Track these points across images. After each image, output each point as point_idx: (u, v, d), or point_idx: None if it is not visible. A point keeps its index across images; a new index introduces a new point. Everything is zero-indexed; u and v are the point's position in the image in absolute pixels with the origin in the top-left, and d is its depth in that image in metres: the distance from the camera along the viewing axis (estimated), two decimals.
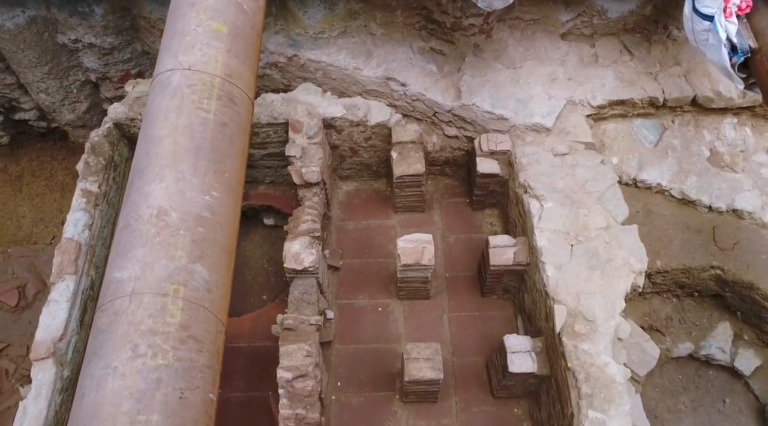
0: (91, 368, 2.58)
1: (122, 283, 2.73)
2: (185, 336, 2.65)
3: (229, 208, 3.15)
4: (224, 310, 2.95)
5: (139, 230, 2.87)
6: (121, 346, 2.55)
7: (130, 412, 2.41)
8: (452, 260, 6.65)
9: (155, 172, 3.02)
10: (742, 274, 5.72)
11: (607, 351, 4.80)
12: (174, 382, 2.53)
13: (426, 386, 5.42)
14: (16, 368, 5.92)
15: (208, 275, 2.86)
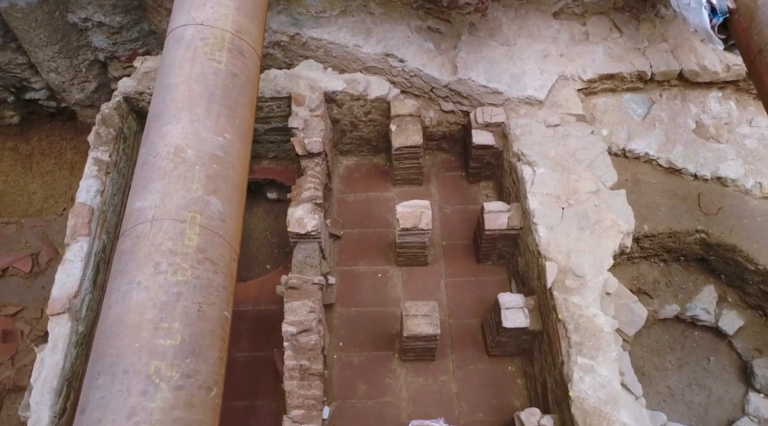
0: (117, 284, 2.78)
1: (143, 211, 2.94)
2: (202, 258, 2.86)
3: (240, 150, 3.36)
4: (237, 240, 3.16)
5: (157, 165, 3.08)
6: (144, 264, 2.76)
7: (153, 319, 2.62)
8: (449, 230, 6.86)
9: (172, 114, 3.23)
10: (725, 237, 5.94)
11: (596, 304, 5.02)
12: (192, 296, 2.74)
13: (424, 342, 5.63)
14: (31, 330, 6.11)
15: (222, 207, 3.07)
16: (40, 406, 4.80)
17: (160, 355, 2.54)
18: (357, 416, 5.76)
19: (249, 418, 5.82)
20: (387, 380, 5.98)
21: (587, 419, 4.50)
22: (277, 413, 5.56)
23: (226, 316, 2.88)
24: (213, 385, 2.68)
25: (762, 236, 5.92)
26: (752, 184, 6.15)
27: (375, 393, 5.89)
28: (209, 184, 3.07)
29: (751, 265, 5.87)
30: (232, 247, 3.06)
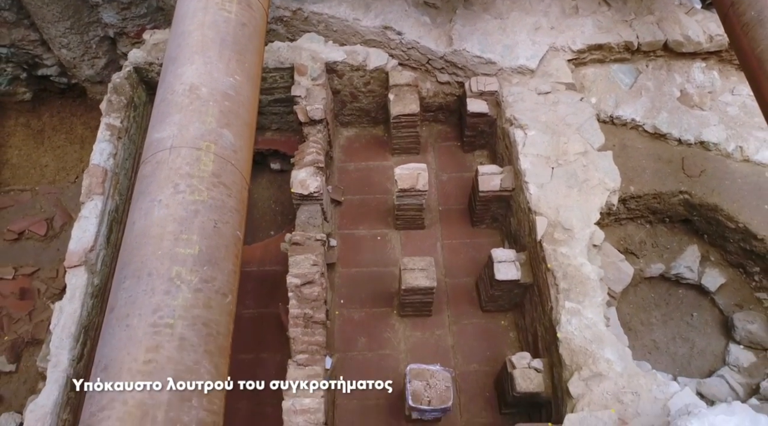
0: (139, 203, 3.02)
1: (162, 141, 3.17)
2: (216, 181, 3.09)
3: (249, 92, 3.59)
4: (247, 171, 3.39)
5: (174, 101, 3.31)
6: (164, 185, 2.99)
7: (174, 231, 2.85)
8: (445, 196, 7.10)
9: (186, 57, 3.46)
10: (707, 197, 6.18)
11: (583, 254, 5.26)
12: (209, 214, 2.97)
13: (421, 296, 5.87)
14: (47, 288, 6.35)
15: (233, 139, 3.30)
16: (60, 350, 5.03)
17: (181, 262, 2.77)
18: (358, 367, 6.00)
19: (255, 369, 6.06)
20: (386, 334, 6.21)
21: (574, 358, 4.74)
22: (282, 364, 5.75)
23: (238, 235, 3.11)
24: (228, 293, 2.91)
25: (742, 196, 6.16)
26: (733, 147, 6.38)
27: (375, 346, 6.13)
28: (222, 119, 3.30)
29: (732, 223, 6.11)
30: (243, 177, 3.29)
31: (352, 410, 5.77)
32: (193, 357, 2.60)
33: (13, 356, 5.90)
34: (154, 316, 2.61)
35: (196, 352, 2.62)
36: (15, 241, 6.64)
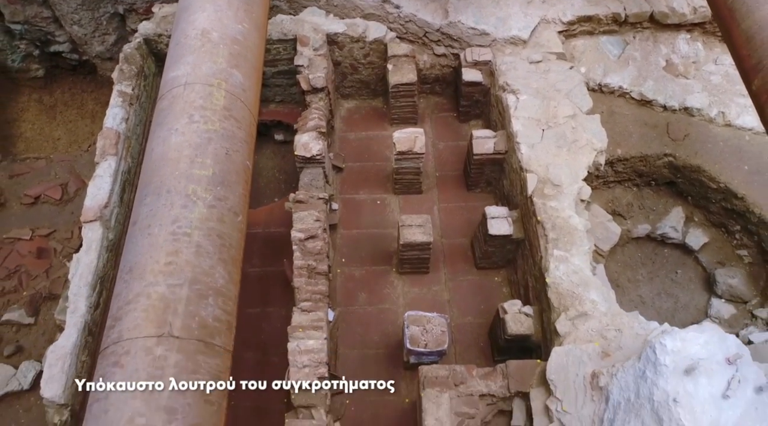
0: (157, 132, 3.25)
1: (177, 78, 3.39)
2: (227, 115, 3.32)
3: (256, 39, 3.81)
4: (255, 110, 3.61)
5: (187, 44, 3.53)
6: (180, 116, 3.22)
7: (190, 155, 3.08)
8: (441, 163, 7.33)
9: (198, 5, 3.68)
10: (690, 159, 6.41)
11: (571, 207, 5.49)
12: (221, 142, 3.20)
13: (418, 252, 6.10)
14: (62, 248, 6.58)
15: (242, 80, 3.52)
16: (78, 297, 5.27)
17: (196, 181, 3.00)
18: (358, 320, 6.24)
19: (261, 322, 6.30)
20: (385, 290, 6.45)
21: (561, 300, 4.97)
22: (287, 318, 5.97)
23: (247, 165, 3.34)
24: (239, 213, 3.14)
25: (723, 158, 6.38)
26: (716, 113, 6.60)
27: (375, 301, 6.37)
28: (231, 60, 3.52)
29: (714, 183, 6.34)
30: (252, 114, 3.52)
31: (353, 359, 6.01)
32: (208, 262, 2.83)
33: (32, 310, 6.14)
34: (173, 226, 2.84)
35: (212, 259, 2.85)
36: (32, 205, 6.87)
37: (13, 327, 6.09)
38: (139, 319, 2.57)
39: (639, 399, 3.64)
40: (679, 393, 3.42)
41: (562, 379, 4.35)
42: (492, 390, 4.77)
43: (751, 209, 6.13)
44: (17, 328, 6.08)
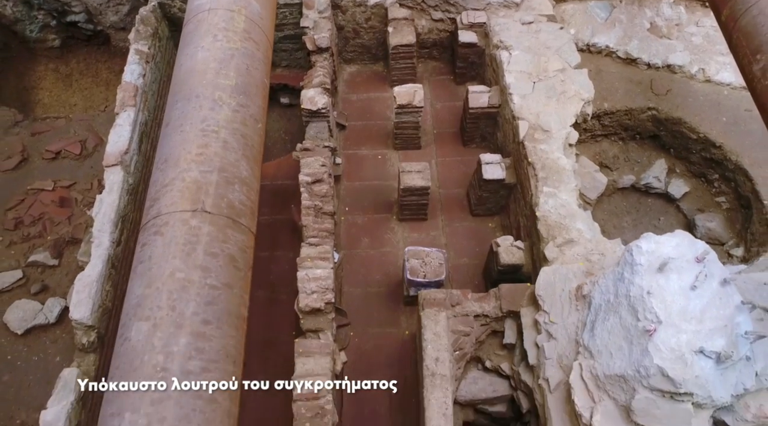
0: (185, 51, 3.57)
1: (201, 5, 3.71)
2: (247, 36, 3.65)
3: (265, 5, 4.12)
4: (271, 37, 3.94)
5: None
6: (205, 36, 3.55)
7: (215, 68, 3.41)
8: (439, 121, 7.66)
9: None
10: (672, 112, 6.75)
11: (560, 150, 5.82)
12: (242, 59, 3.53)
13: (417, 197, 6.43)
14: (83, 198, 6.89)
15: (260, 9, 3.85)
16: (101, 233, 5.59)
17: (222, 89, 3.33)
18: (361, 262, 6.58)
19: (270, 265, 6.64)
20: (387, 235, 6.79)
21: (550, 231, 5.31)
22: (294, 260, 6.33)
23: (265, 82, 3.67)
24: (259, 120, 3.47)
25: (703, 111, 6.72)
26: (696, 70, 6.94)
27: (377, 245, 6.71)
28: None
29: (694, 134, 6.68)
30: (268, 40, 3.84)
31: (356, 296, 6.35)
32: (234, 156, 3.16)
33: (56, 252, 6.47)
34: (202, 124, 3.17)
35: (236, 154, 3.18)
36: (53, 160, 7.18)
37: (39, 268, 6.41)
38: (175, 198, 2.90)
39: (617, 298, 3.98)
40: (653, 287, 3.76)
41: (549, 295, 4.69)
42: (486, 310, 5.11)
43: (728, 157, 6.47)
44: (42, 269, 6.41)
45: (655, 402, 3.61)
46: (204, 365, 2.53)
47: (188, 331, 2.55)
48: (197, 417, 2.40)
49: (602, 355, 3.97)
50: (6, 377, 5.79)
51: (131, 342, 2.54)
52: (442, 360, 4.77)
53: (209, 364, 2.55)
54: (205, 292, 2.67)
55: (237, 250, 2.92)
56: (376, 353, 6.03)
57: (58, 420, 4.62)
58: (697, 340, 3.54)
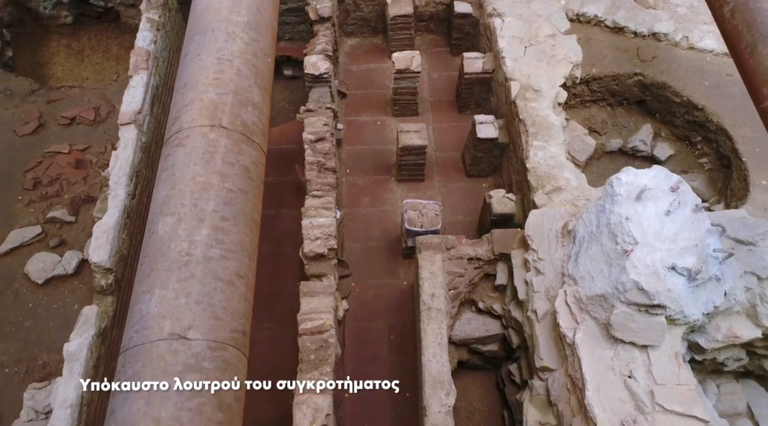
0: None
1: None
2: None
3: None
4: None
5: None
6: None
7: (228, 6, 3.68)
8: (435, 89, 7.93)
9: None
10: (657, 77, 7.01)
11: (549, 108, 6.10)
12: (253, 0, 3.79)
13: (415, 157, 6.71)
14: (97, 160, 7.17)
15: None
16: (117, 186, 5.86)
17: (235, 24, 3.59)
18: (362, 219, 6.86)
19: (275, 222, 6.91)
20: (386, 195, 7.07)
21: (539, 181, 5.59)
22: (298, 217, 6.61)
23: (274, 24, 3.94)
24: (269, 55, 3.74)
25: (686, 76, 6.99)
26: (680, 38, 7.20)
27: (376, 204, 6.99)
28: None
29: (678, 98, 6.95)
30: None
31: (357, 250, 6.63)
32: (247, 83, 3.44)
33: (73, 210, 6.74)
34: (218, 54, 3.44)
35: (249, 81, 3.46)
36: (68, 126, 7.45)
37: (57, 224, 6.68)
38: (195, 115, 3.18)
39: (599, 228, 4.26)
40: (631, 213, 4.04)
41: (538, 235, 4.96)
42: (479, 254, 5.39)
43: (710, 118, 6.75)
44: (60, 225, 6.68)
45: (631, 316, 3.89)
46: (223, 254, 2.80)
47: (209, 224, 2.82)
48: (218, 294, 2.68)
49: (585, 280, 4.25)
50: (28, 323, 6.07)
51: (158, 234, 2.82)
52: (437, 296, 5.05)
53: (228, 253, 2.82)
54: (223, 194, 2.95)
55: (251, 162, 3.20)
56: (376, 302, 6.31)
57: (80, 350, 4.90)
58: (670, 257, 3.82)
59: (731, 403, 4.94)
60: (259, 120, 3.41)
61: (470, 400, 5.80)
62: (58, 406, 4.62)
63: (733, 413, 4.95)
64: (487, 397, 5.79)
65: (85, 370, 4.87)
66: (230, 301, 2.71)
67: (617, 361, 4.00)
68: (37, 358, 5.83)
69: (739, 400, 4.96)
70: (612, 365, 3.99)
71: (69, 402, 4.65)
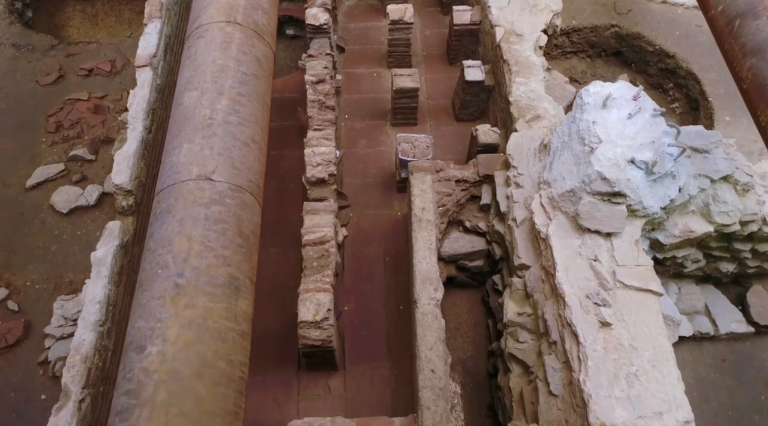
0: None
1: None
2: None
3: None
4: None
5: None
6: None
7: None
8: (428, 45, 8.32)
9: None
10: (632, 28, 7.42)
11: (530, 50, 6.49)
12: None
13: (408, 99, 7.11)
14: (114, 106, 7.56)
15: None
16: (135, 120, 6.25)
17: None
18: (360, 158, 7.27)
19: (280, 161, 7.32)
20: (381, 138, 7.48)
21: (521, 112, 5.99)
22: (300, 158, 7.01)
23: None
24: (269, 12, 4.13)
25: (659, 27, 7.39)
26: None
27: (373, 145, 7.40)
28: None
29: (651, 47, 7.35)
30: None
31: (355, 185, 7.04)
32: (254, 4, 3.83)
33: (93, 149, 7.14)
34: None
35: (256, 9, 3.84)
36: (86, 76, 7.84)
37: (78, 162, 7.08)
38: (213, 13, 3.57)
39: (570, 136, 4.68)
40: (597, 118, 4.45)
41: (518, 153, 5.38)
42: (465, 176, 5.82)
43: (680, 65, 7.16)
44: (81, 163, 7.08)
45: (596, 205, 4.32)
46: (240, 121, 3.20)
47: (227, 97, 3.22)
48: (236, 151, 3.08)
49: (557, 181, 4.68)
50: (54, 247, 6.48)
51: (184, 104, 3.22)
52: (427, 209, 5.47)
53: (243, 121, 3.22)
54: (239, 75, 3.35)
55: (261, 55, 3.60)
56: (373, 229, 6.72)
57: (106, 256, 5.32)
58: (630, 152, 4.24)
59: (690, 303, 5.39)
60: (269, 23, 3.81)
61: (458, 313, 6.23)
62: (87, 302, 5.04)
63: (692, 311, 5.40)
64: (473, 311, 6.22)
65: (110, 274, 5.28)
66: (246, 157, 3.12)
67: (584, 248, 4.42)
68: (64, 276, 6.24)
69: (698, 300, 5.41)
70: (579, 251, 4.42)
71: (98, 299, 5.07)
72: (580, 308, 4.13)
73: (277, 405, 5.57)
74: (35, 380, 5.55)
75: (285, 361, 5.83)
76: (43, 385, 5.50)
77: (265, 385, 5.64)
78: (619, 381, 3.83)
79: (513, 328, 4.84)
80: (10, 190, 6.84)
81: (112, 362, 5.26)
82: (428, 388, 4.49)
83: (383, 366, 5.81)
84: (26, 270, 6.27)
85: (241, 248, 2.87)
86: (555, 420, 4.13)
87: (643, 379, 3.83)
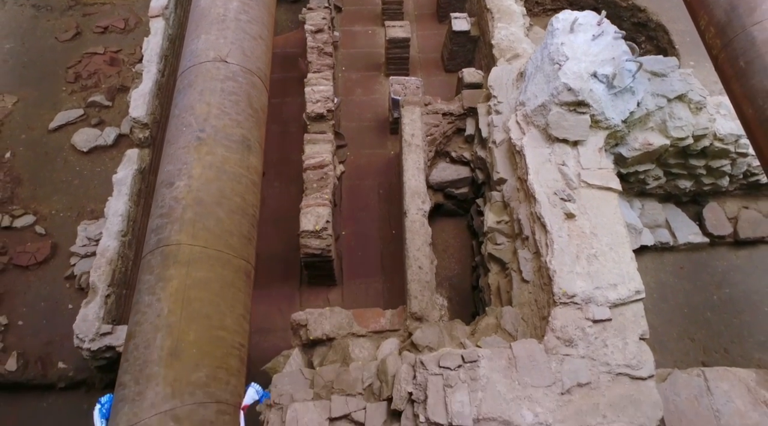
0: None
1: None
2: None
3: None
4: None
5: None
6: None
7: None
8: (419, 5, 8.76)
9: None
10: None
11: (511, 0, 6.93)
12: None
13: (400, 49, 7.53)
14: (128, 59, 7.98)
15: None
16: (150, 64, 6.68)
17: None
18: (356, 105, 7.70)
19: (282, 108, 7.75)
20: (376, 87, 7.91)
21: (501, 53, 6.42)
22: (300, 105, 7.43)
23: None
24: None
25: None
26: None
27: (368, 93, 7.83)
28: None
29: (624, 2, 7.78)
30: None
31: (352, 128, 7.48)
32: None
33: (110, 96, 7.56)
34: None
35: None
36: (102, 34, 8.24)
37: (96, 107, 7.50)
38: None
39: (542, 60, 5.11)
40: (565, 41, 4.89)
41: (498, 85, 5.81)
42: (451, 110, 6.25)
43: (651, 18, 7.59)
44: (99, 109, 7.50)
45: (563, 115, 4.76)
46: (249, 19, 3.63)
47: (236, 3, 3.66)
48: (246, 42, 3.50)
49: (530, 100, 5.11)
50: (76, 181, 6.91)
51: (201, 5, 3.64)
52: (416, 135, 5.91)
53: (252, 20, 3.64)
54: None
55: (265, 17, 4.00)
56: (368, 166, 7.17)
57: (126, 177, 5.76)
58: (593, 67, 4.68)
59: (653, 217, 5.85)
60: None
61: (445, 238, 6.69)
62: (111, 215, 5.48)
63: (654, 225, 5.86)
64: (459, 235, 6.68)
65: (130, 193, 5.73)
66: (255, 49, 3.54)
67: (554, 156, 4.87)
68: (86, 206, 6.68)
69: (659, 215, 5.87)
70: (549, 158, 4.86)
71: (120, 212, 5.52)
72: (549, 203, 4.57)
73: (282, 314, 6.02)
74: (62, 292, 5.99)
75: (288, 278, 6.29)
76: (70, 297, 5.94)
77: (271, 298, 6.10)
78: (581, 261, 4.28)
79: (492, 234, 5.29)
80: (35, 132, 7.26)
81: (132, 271, 5.71)
82: (415, 281, 4.95)
83: (377, 281, 6.27)
84: (51, 201, 6.70)
85: (252, 117, 3.30)
86: (526, 301, 4.59)
87: (601, 258, 4.28)
